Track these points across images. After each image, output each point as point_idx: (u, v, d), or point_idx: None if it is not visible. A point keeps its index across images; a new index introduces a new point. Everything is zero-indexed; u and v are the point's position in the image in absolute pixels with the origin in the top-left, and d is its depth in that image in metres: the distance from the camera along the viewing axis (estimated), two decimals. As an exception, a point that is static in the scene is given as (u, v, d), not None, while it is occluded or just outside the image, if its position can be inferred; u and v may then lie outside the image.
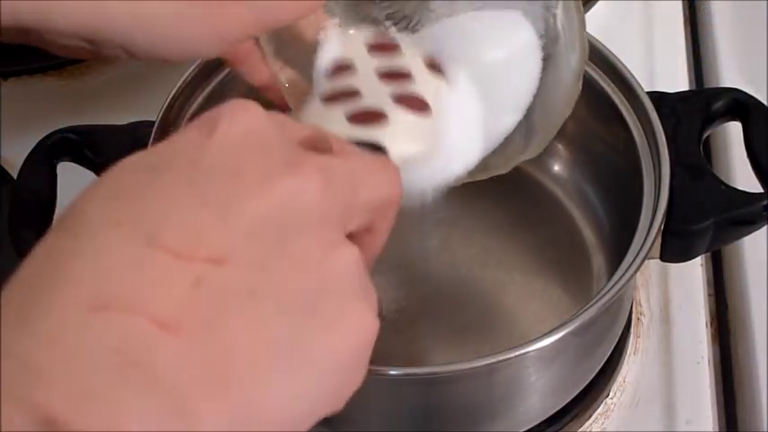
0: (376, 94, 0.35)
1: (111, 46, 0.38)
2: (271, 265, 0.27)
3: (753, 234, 0.47)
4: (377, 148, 0.34)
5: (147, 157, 0.29)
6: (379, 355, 0.47)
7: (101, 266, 0.26)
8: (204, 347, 0.26)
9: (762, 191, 0.45)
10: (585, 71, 0.50)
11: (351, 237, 0.31)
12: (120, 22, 0.37)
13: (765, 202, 0.45)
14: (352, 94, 0.35)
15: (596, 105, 0.50)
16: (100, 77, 0.66)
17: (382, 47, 0.37)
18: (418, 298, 0.50)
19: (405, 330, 0.49)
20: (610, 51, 0.50)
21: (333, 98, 0.36)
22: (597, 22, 0.65)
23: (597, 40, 0.50)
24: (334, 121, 0.36)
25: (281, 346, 0.27)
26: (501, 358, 0.39)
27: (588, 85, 0.50)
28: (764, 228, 0.48)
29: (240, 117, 0.29)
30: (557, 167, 0.56)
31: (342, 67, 0.37)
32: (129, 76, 0.65)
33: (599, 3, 0.67)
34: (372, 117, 0.35)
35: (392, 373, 0.40)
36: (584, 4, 0.66)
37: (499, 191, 0.55)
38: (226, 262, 0.27)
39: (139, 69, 0.65)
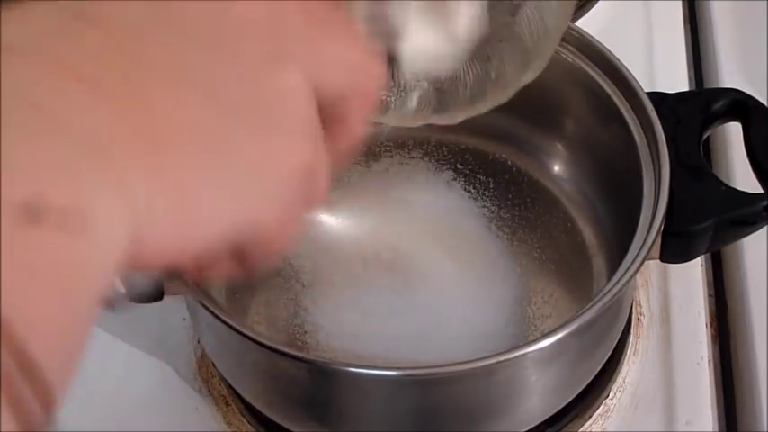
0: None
1: None
2: (205, 52, 0.26)
3: (753, 234, 0.47)
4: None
5: None
6: (382, 355, 0.48)
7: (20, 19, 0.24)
8: (127, 101, 0.24)
9: (762, 191, 0.45)
10: (585, 71, 0.50)
11: None
12: None
13: (765, 203, 0.45)
14: None
15: (596, 105, 0.50)
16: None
17: None
18: (416, 296, 0.50)
19: (399, 327, 0.49)
20: (610, 51, 0.50)
21: None
22: (597, 23, 0.65)
23: (597, 41, 0.50)
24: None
25: (209, 128, 0.26)
26: (501, 359, 0.39)
27: (588, 85, 0.50)
28: (764, 228, 0.48)
29: None
30: (557, 167, 0.56)
31: None
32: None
33: (599, 3, 0.67)
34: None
35: (392, 373, 0.40)
36: (585, 5, 0.66)
37: (499, 190, 0.55)
38: (155, 35, 0.25)
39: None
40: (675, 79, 0.64)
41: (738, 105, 0.48)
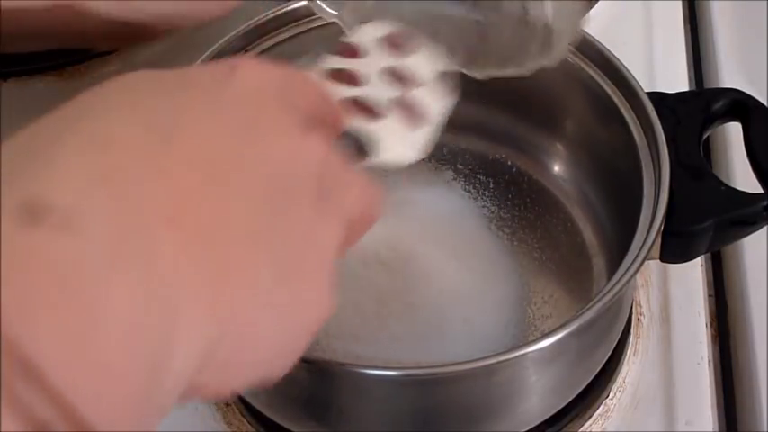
0: (378, 89, 0.35)
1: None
2: (270, 204, 0.28)
3: (753, 234, 0.47)
4: (360, 142, 0.35)
5: (164, 73, 0.29)
6: (382, 355, 0.47)
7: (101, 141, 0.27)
8: (206, 250, 0.26)
9: (762, 191, 0.45)
10: (585, 71, 0.50)
11: None
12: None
13: (765, 203, 0.45)
14: (355, 79, 0.35)
15: (596, 105, 0.50)
16: (100, 77, 0.65)
17: (398, 43, 0.37)
18: (416, 296, 0.50)
19: (399, 327, 0.49)
20: (610, 51, 0.50)
21: (336, 77, 0.35)
22: (597, 22, 0.65)
23: (597, 41, 0.50)
24: None
25: (268, 286, 0.28)
26: (501, 359, 0.39)
27: (588, 85, 0.50)
28: (764, 228, 0.48)
29: (258, 68, 0.30)
30: (557, 167, 0.56)
31: (353, 50, 0.36)
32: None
33: (599, 3, 0.67)
34: (369, 112, 0.35)
35: (392, 373, 0.40)
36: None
37: (499, 190, 0.55)
38: (233, 181, 0.27)
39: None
40: (675, 79, 0.64)
41: (738, 105, 0.48)
